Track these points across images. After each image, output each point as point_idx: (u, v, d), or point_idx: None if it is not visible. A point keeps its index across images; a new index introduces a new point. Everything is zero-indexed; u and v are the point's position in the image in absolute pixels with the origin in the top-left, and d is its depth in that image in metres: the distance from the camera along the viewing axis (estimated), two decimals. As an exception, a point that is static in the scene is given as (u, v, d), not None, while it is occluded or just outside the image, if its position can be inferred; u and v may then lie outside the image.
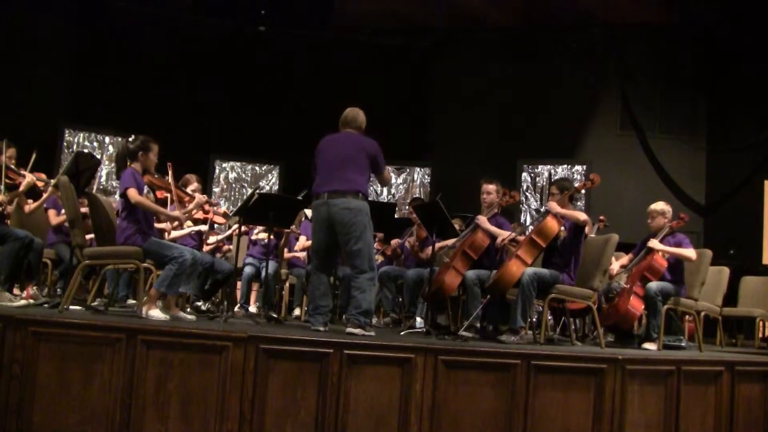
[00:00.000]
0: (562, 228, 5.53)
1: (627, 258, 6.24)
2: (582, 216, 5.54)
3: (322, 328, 4.86)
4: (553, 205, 5.58)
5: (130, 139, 5.13)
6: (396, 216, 7.61)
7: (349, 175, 4.97)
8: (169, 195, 5.76)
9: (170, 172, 5.52)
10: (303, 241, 7.57)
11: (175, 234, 6.25)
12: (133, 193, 4.84)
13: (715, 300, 6.68)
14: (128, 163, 5.03)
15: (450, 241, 6.31)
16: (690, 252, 5.83)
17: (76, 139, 10.54)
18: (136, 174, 4.97)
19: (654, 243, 5.88)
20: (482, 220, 5.95)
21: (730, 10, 10.17)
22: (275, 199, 6.79)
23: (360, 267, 4.93)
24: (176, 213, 5.34)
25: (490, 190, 6.12)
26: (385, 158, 5.23)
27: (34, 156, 5.77)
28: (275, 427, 3.97)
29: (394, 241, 7.45)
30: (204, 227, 6.58)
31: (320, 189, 5.04)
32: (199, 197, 5.63)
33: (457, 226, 6.43)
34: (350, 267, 5.08)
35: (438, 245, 6.14)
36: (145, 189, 5.07)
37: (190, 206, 5.49)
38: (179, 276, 4.78)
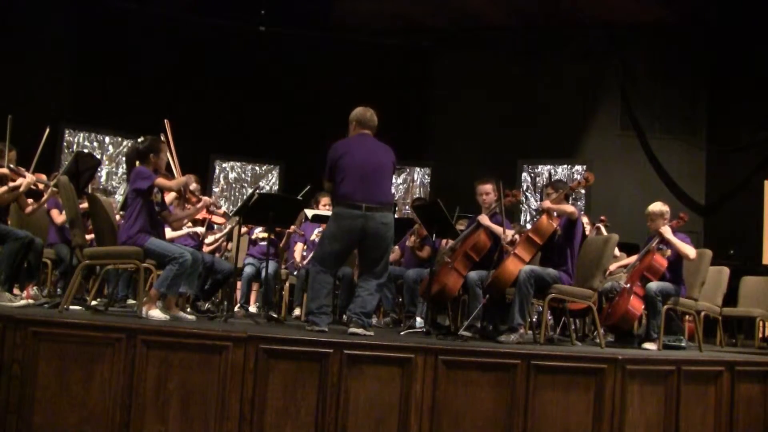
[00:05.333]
0: (557, 227, 5.54)
1: (628, 260, 6.25)
2: (569, 208, 5.56)
3: (326, 328, 4.86)
4: (545, 202, 5.64)
5: (140, 140, 5.14)
6: (396, 216, 7.60)
7: (386, 189, 5.01)
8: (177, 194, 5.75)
9: (168, 132, 5.46)
10: (300, 248, 7.54)
11: (172, 234, 6.24)
12: (162, 181, 4.93)
13: (715, 300, 6.67)
14: (137, 164, 5.04)
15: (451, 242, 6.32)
16: (690, 250, 5.84)
17: (76, 139, 10.54)
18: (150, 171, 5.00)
19: (665, 230, 5.87)
20: (484, 218, 5.96)
21: (730, 10, 10.16)
22: (275, 199, 6.79)
23: (377, 273, 4.98)
24: (182, 179, 5.31)
25: (488, 189, 6.12)
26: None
27: (45, 135, 5.74)
28: (275, 427, 3.97)
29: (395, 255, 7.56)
30: (201, 229, 6.57)
31: (356, 198, 4.85)
32: (206, 198, 5.66)
33: (462, 227, 6.43)
34: (364, 271, 5.08)
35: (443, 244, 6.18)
36: (155, 189, 5.07)
37: (199, 205, 5.49)
38: (179, 276, 4.79)
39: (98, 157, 9.66)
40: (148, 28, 10.73)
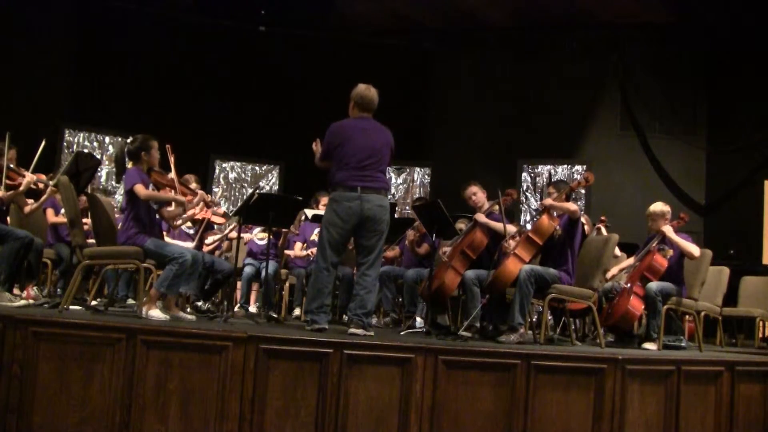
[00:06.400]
0: (557, 227, 5.54)
1: (627, 262, 6.24)
2: (572, 206, 5.58)
3: (326, 326, 4.86)
4: (546, 200, 5.67)
5: (129, 140, 5.14)
6: (396, 216, 7.61)
7: (381, 173, 4.99)
8: (173, 192, 5.75)
9: (170, 155, 5.48)
10: (300, 247, 7.55)
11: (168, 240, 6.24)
12: (140, 188, 4.88)
13: (715, 300, 6.67)
14: (130, 164, 5.05)
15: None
16: (694, 248, 5.84)
17: (76, 139, 10.53)
18: (141, 172, 5.00)
19: (668, 229, 5.88)
20: (480, 216, 5.98)
21: (730, 10, 10.17)
22: (275, 199, 6.79)
23: (372, 263, 4.94)
24: (180, 197, 5.30)
25: (474, 190, 6.18)
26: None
27: (42, 147, 5.74)
28: (275, 427, 3.97)
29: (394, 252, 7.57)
30: (191, 244, 6.56)
31: (353, 182, 4.89)
32: (201, 192, 5.65)
33: (463, 227, 6.44)
34: (360, 263, 5.04)
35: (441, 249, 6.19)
36: (150, 187, 5.07)
37: (195, 200, 5.49)
38: (179, 276, 4.79)
39: (98, 157, 9.66)
40: (148, 28, 10.72)
